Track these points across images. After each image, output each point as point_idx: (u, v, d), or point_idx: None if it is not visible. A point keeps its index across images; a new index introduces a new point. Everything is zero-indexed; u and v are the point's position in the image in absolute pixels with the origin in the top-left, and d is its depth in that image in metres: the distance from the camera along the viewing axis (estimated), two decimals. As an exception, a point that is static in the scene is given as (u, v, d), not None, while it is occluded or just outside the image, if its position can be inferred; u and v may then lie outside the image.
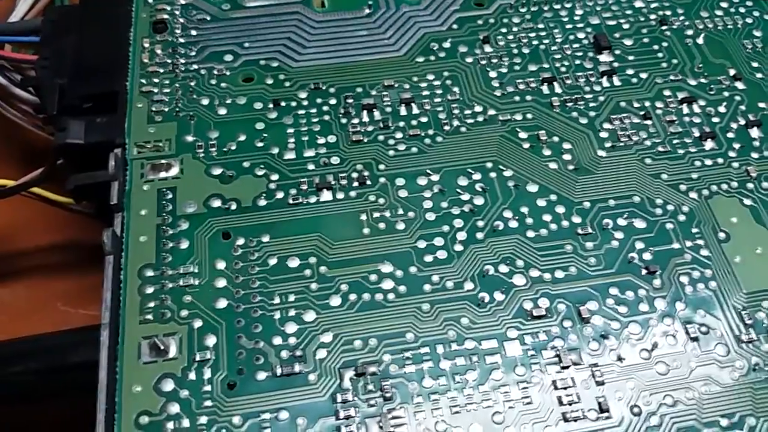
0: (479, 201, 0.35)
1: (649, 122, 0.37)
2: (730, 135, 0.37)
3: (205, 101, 0.38)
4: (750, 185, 0.35)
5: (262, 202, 0.35)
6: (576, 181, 0.35)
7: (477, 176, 0.35)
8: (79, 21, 0.42)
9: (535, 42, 0.41)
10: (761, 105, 0.38)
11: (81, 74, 0.40)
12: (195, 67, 0.39)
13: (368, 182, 0.35)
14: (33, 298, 0.43)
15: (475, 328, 0.31)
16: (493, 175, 0.35)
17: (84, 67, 0.40)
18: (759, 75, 0.39)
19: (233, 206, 0.34)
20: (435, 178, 0.35)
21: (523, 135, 0.37)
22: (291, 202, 0.35)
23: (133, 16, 0.42)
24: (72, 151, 0.38)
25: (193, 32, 0.41)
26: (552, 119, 0.37)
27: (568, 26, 0.41)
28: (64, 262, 0.44)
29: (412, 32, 0.41)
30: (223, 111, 0.38)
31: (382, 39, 0.41)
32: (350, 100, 0.38)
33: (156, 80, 0.39)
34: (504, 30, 0.41)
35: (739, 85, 0.39)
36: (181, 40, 0.41)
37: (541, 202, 0.34)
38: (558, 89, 0.39)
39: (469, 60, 0.40)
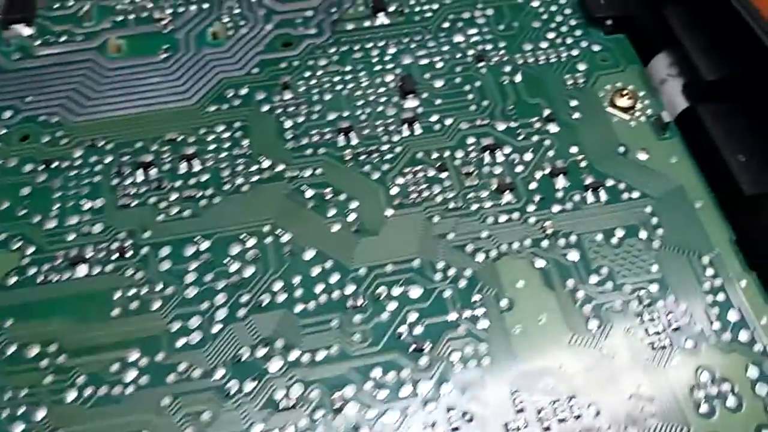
0: (249, 271, 0.31)
1: (444, 175, 0.34)
2: (532, 186, 0.33)
3: None
4: (545, 243, 0.32)
5: (12, 281, 0.31)
6: (356, 244, 0.32)
7: (251, 242, 0.32)
8: None
9: (338, 87, 0.37)
10: (572, 150, 0.34)
11: None
12: None
13: (129, 253, 0.32)
14: None
15: (215, 424, 0.27)
16: (268, 240, 0.32)
17: None
18: (576, 115, 0.36)
19: (-21, 286, 0.31)
20: (205, 245, 0.32)
21: (309, 193, 0.34)
22: (41, 280, 0.31)
23: None
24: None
25: None
26: (343, 174, 0.34)
27: (377, 68, 0.38)
28: None
29: (209, 77, 0.38)
30: None
31: (175, 86, 0.38)
32: (126, 158, 0.35)
33: None
34: (308, 74, 0.38)
35: (552, 127, 0.35)
36: None
37: (316, 270, 0.31)
38: (354, 140, 0.35)
39: (265, 108, 0.37)
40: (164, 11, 0.41)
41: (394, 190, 0.34)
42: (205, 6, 0.41)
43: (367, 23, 0.40)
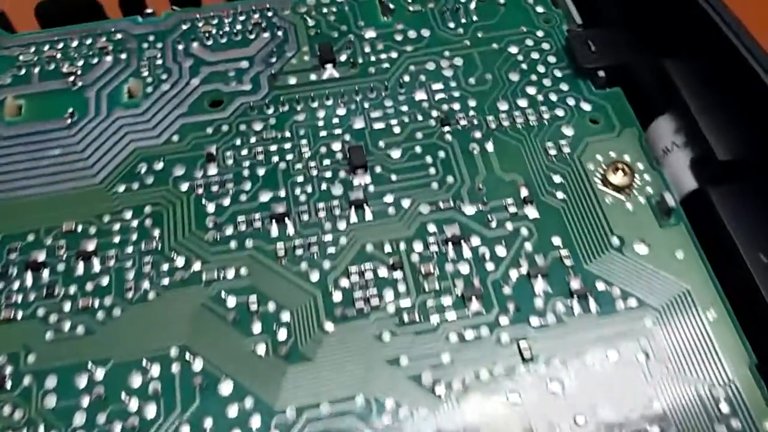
0: (150, 412, 0.24)
1: (398, 275, 0.27)
2: (506, 290, 0.27)
3: None
4: (521, 369, 0.25)
5: None
6: (285, 374, 0.25)
7: (155, 371, 0.25)
8: None
9: (274, 158, 0.30)
10: (555, 241, 0.28)
11: None
12: None
13: (7, 384, 0.25)
14: None
15: None
16: (175, 368, 0.25)
17: None
18: (560, 195, 0.29)
19: None
20: (99, 374, 0.25)
21: (230, 302, 0.27)
22: None
23: None
24: None
25: None
26: (273, 277, 0.27)
27: (322, 133, 0.31)
28: None
29: (119, 148, 0.31)
30: None
31: (79, 160, 0.31)
32: (14, 255, 0.28)
33: None
34: (238, 141, 0.31)
35: (530, 211, 0.29)
36: None
37: (233, 410, 0.24)
38: (290, 229, 0.28)
39: (184, 187, 0.30)
40: (75, 63, 0.34)
41: (336, 296, 0.27)
42: (123, 56, 0.34)
43: (312, 76, 0.33)
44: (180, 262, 0.28)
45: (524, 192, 0.30)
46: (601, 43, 0.33)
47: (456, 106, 0.32)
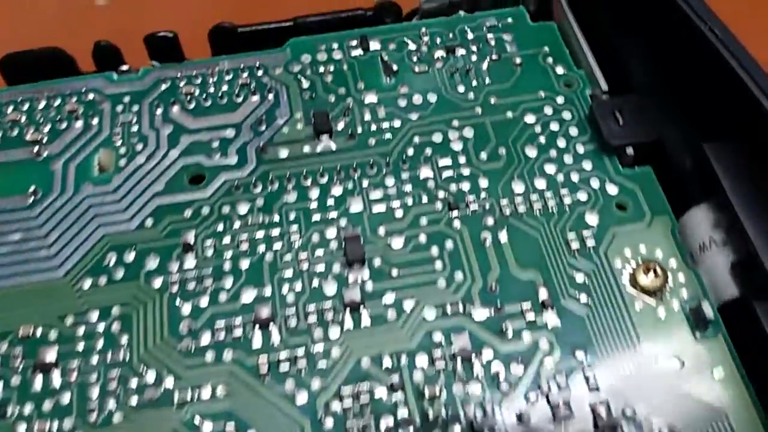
0: None
1: (399, 396, 0.24)
2: (524, 419, 0.23)
3: None
4: None
5: None
6: None
7: None
8: None
9: (261, 248, 0.26)
10: (578, 355, 0.24)
11: None
12: None
13: None
14: None
15: None
16: None
17: None
18: (583, 298, 0.25)
19: None
20: None
21: (206, 427, 0.23)
22: None
23: None
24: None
25: None
26: (254, 399, 0.24)
27: (315, 217, 0.27)
28: None
29: (87, 234, 0.28)
30: None
31: (41, 248, 0.27)
32: None
33: None
34: (220, 227, 0.27)
35: (551, 318, 0.25)
36: None
37: None
38: (275, 337, 0.25)
39: (157, 283, 0.26)
40: (40, 129, 0.30)
41: (327, 423, 0.23)
42: (94, 121, 0.30)
43: (306, 148, 0.30)
44: (150, 377, 0.25)
45: (543, 294, 0.26)
46: (630, 115, 0.29)
47: (465, 186, 0.29)
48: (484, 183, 0.29)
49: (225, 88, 0.32)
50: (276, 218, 0.28)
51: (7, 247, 0.28)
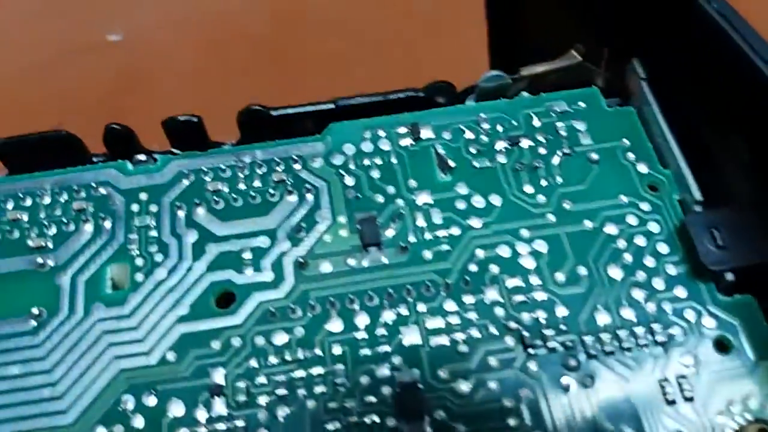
0: None
1: None
2: None
3: None
4: None
5: None
6: None
7: None
8: None
9: (301, 392, 0.23)
10: None
11: None
12: None
13: None
14: None
15: None
16: None
17: None
18: None
19: None
20: None
21: None
22: None
23: None
24: None
25: None
26: None
27: (365, 351, 0.23)
28: None
29: (99, 369, 0.23)
30: None
31: (45, 385, 0.23)
32: None
33: None
34: (254, 363, 0.23)
35: None
36: None
37: None
38: None
39: None
40: (45, 233, 0.26)
41: None
42: (107, 224, 0.26)
43: (351, 261, 0.25)
44: None
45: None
46: (730, 234, 0.25)
47: (541, 316, 0.24)
48: (562, 311, 0.25)
49: (257, 184, 0.28)
50: (318, 352, 0.24)
51: (6, 382, 0.23)
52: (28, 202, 0.27)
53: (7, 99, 0.41)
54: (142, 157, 0.28)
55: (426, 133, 0.29)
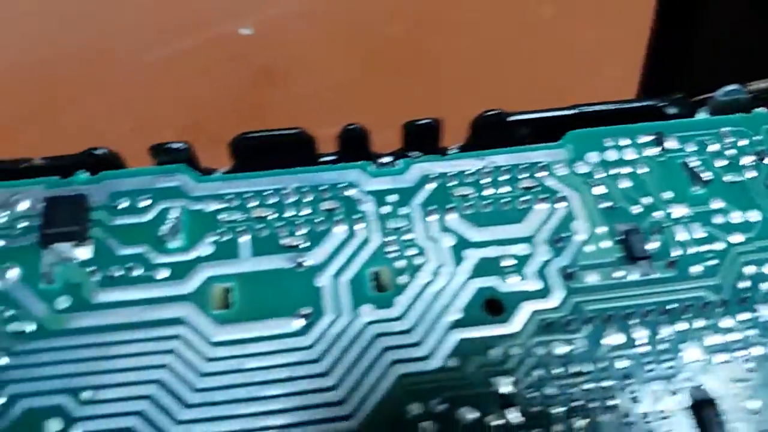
0: None
1: None
2: None
3: None
4: None
5: None
6: None
7: None
8: None
9: (593, 404, 0.21)
10: None
11: None
12: None
13: None
14: None
15: None
16: None
17: None
18: None
19: None
20: None
21: None
22: None
23: None
24: None
25: (3, 361, 0.22)
26: None
27: (649, 371, 0.22)
28: None
29: (378, 373, 0.22)
30: None
31: (321, 390, 0.22)
32: None
33: None
34: (536, 374, 0.22)
35: None
36: None
37: None
38: None
39: None
40: (295, 232, 0.25)
41: None
42: (359, 225, 0.25)
43: (618, 275, 0.24)
44: None
45: None
46: None
47: (822, 337, 0.23)
48: None
49: (505, 190, 0.27)
50: (602, 365, 0.23)
51: (277, 386, 0.23)
52: (273, 200, 0.27)
53: (137, 90, 0.41)
54: (385, 159, 0.27)
55: (671, 143, 0.28)
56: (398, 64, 0.43)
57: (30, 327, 0.24)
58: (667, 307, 0.24)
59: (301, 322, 0.24)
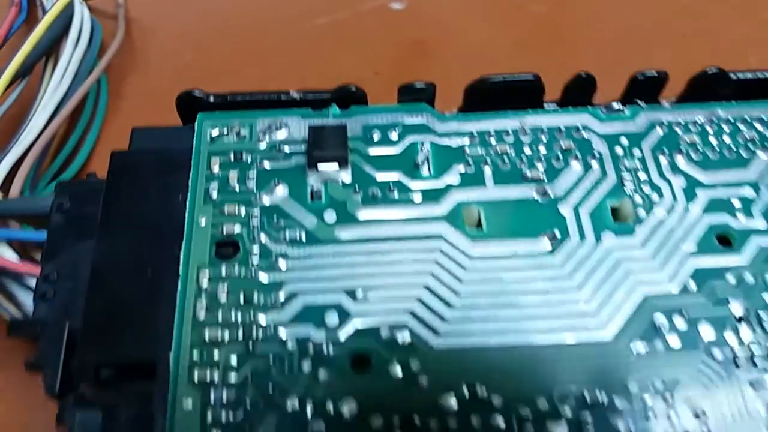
0: None
1: None
2: None
3: (292, 405, 0.22)
4: None
5: None
6: None
7: None
8: (104, 218, 0.27)
9: None
10: None
11: (100, 319, 0.24)
12: (281, 334, 0.24)
13: None
14: None
15: None
16: None
17: (106, 305, 0.26)
18: None
19: None
20: None
21: None
22: None
23: (187, 223, 0.26)
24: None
25: (281, 263, 0.25)
26: None
27: None
28: None
29: (625, 292, 0.25)
30: (319, 426, 0.22)
31: (575, 302, 0.24)
32: (529, 427, 0.22)
33: (216, 356, 0.23)
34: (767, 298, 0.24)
35: None
36: (262, 276, 0.25)
37: None
38: None
39: (719, 356, 0.23)
40: (535, 166, 0.27)
41: None
42: (594, 164, 0.27)
43: None
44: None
45: None
46: None
47: None
48: None
49: (727, 140, 0.29)
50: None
51: (532, 303, 0.25)
52: (510, 138, 0.29)
53: (290, 60, 0.42)
54: (617, 105, 0.30)
55: None
56: (546, 41, 0.44)
57: (303, 235, 0.27)
58: None
59: (548, 244, 0.27)
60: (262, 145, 0.29)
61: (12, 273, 0.28)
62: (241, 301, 0.25)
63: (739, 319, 0.25)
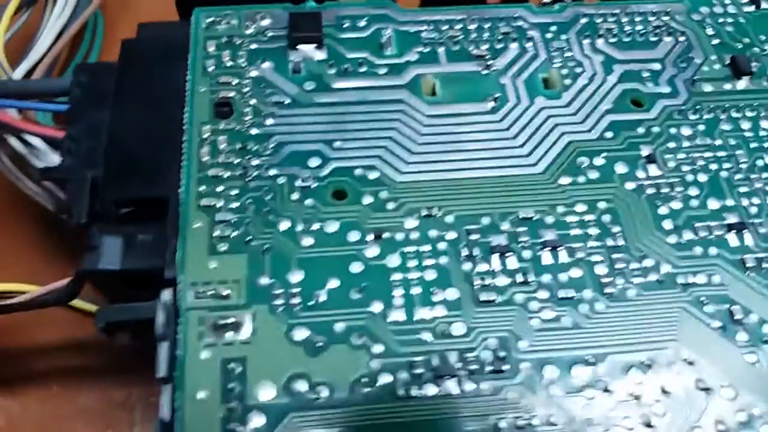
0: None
1: None
2: None
3: (285, 225, 0.28)
4: None
5: (363, 390, 0.25)
6: None
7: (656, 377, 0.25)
8: (118, 90, 0.32)
9: (713, 166, 0.30)
10: None
11: (118, 167, 0.30)
12: (272, 172, 0.29)
13: (505, 369, 0.25)
14: (48, 415, 0.34)
15: None
16: (679, 371, 0.25)
17: (122, 156, 0.31)
18: None
19: (323, 392, 0.24)
20: (601, 370, 0.25)
21: (709, 308, 0.27)
22: (401, 394, 0.24)
23: (188, 91, 0.31)
24: (104, 276, 0.28)
25: (268, 121, 0.31)
26: (746, 288, 0.27)
27: (753, 144, 0.31)
28: (87, 370, 0.35)
29: (552, 139, 0.31)
30: (308, 241, 0.28)
31: (512, 147, 0.31)
32: (474, 237, 0.28)
33: (219, 188, 0.29)
34: (671, 144, 0.31)
35: None
36: (253, 130, 0.30)
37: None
38: (749, 241, 0.28)
39: (631, 186, 0.29)
40: (479, 47, 0.34)
41: None
42: (528, 45, 0.34)
43: (727, 86, 0.33)
44: (649, 262, 0.28)
45: None
46: None
47: None
48: None
49: (639, 28, 0.35)
50: (718, 142, 0.32)
51: (480, 143, 0.32)
52: (459, 26, 0.35)
53: None
54: (546, 0, 0.36)
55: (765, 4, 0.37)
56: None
57: (287, 100, 0.33)
58: (764, 107, 0.33)
59: (491, 106, 0.33)
60: (250, 31, 0.34)
61: (40, 135, 0.33)
62: (237, 147, 0.31)
63: (648, 159, 0.31)
